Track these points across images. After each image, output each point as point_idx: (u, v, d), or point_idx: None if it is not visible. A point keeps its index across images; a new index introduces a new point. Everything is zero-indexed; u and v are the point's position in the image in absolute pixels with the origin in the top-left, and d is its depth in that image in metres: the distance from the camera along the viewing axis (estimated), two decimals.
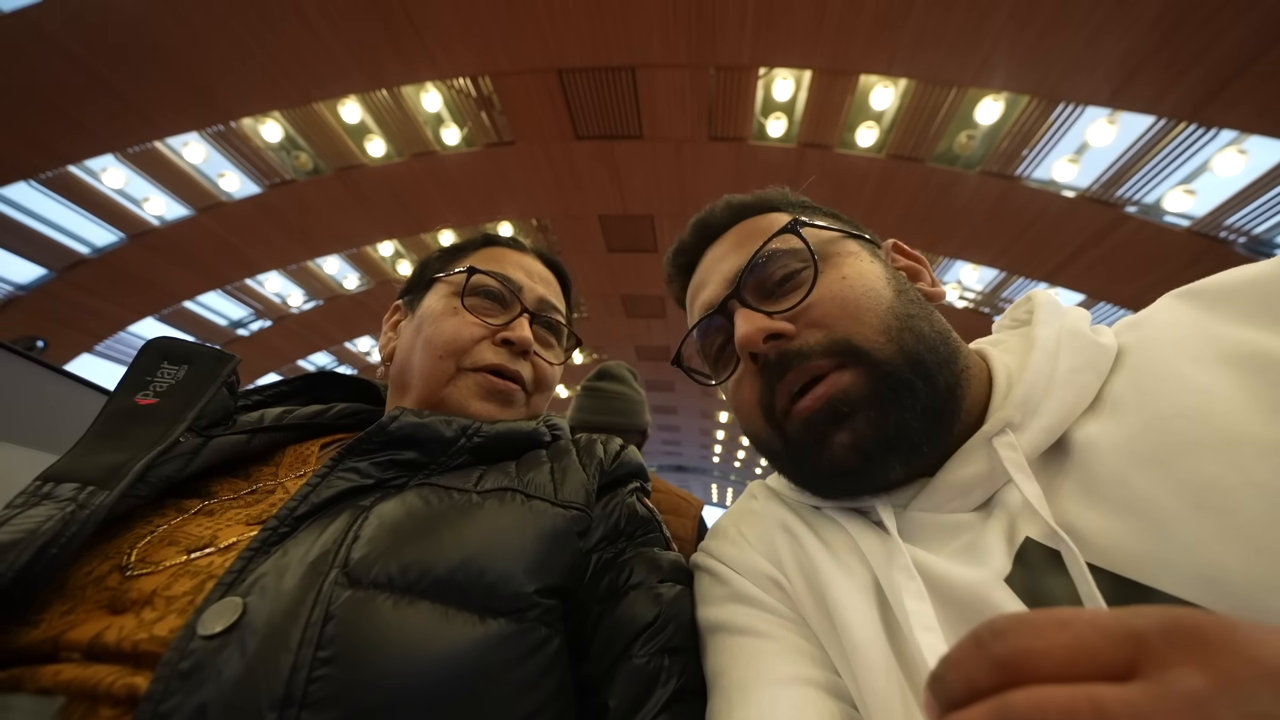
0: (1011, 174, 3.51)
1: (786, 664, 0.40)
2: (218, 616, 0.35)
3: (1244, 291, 0.36)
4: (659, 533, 0.57)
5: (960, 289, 4.83)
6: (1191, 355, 0.35)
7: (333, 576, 0.38)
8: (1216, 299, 0.37)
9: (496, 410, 0.60)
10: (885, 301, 0.43)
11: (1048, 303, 0.46)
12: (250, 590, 0.37)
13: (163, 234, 4.25)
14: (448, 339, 0.60)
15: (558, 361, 0.68)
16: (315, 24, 2.91)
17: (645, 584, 0.50)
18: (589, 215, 4.62)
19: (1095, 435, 0.35)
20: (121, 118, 3.29)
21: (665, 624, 0.47)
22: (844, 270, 0.45)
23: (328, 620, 0.36)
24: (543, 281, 0.69)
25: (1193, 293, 0.39)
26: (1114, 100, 2.85)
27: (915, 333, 0.42)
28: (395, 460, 0.51)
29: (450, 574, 0.41)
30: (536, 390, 0.65)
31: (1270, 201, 3.06)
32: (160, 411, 0.49)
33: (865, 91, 3.25)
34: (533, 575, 0.44)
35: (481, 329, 0.61)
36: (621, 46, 3.06)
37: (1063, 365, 0.39)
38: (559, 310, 0.69)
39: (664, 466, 13.88)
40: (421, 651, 0.37)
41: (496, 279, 0.63)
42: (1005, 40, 2.70)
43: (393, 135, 3.81)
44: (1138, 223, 3.45)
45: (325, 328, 6.00)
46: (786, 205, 0.54)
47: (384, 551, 0.41)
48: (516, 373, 0.61)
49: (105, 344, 5.06)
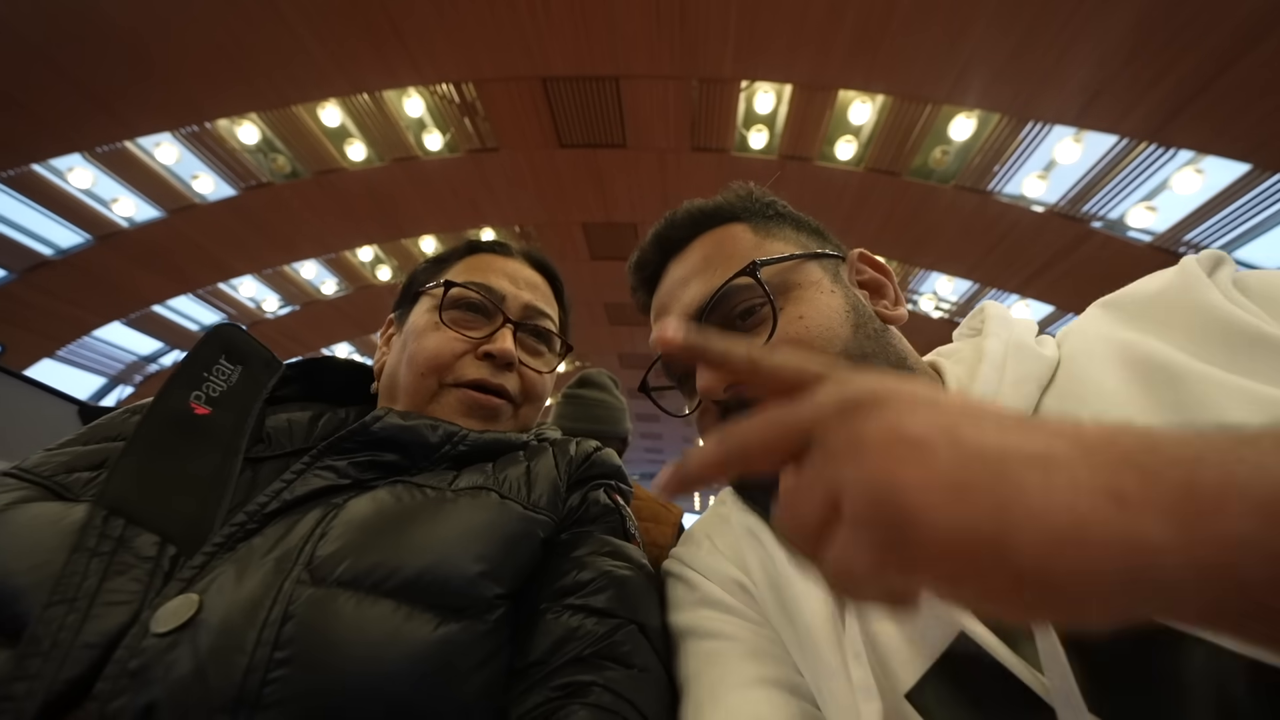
0: (984, 189, 3.62)
1: (753, 667, 0.40)
2: (172, 613, 0.34)
3: (1150, 303, 0.39)
4: (621, 525, 0.56)
5: (936, 300, 4.95)
6: (1106, 362, 0.37)
7: (295, 574, 0.37)
8: (1131, 310, 0.40)
9: (479, 425, 0.58)
10: (839, 343, 0.43)
11: (998, 315, 0.47)
12: (208, 587, 0.36)
13: (132, 236, 4.11)
14: (429, 356, 0.59)
15: (547, 370, 0.66)
16: (295, 26, 2.87)
17: (590, 555, 0.49)
18: (572, 223, 4.62)
19: None
20: (90, 116, 3.19)
21: (599, 587, 0.46)
22: (802, 309, 0.45)
23: (286, 620, 0.35)
24: (529, 287, 0.66)
25: (1113, 303, 0.42)
26: (1080, 120, 2.97)
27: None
28: (375, 461, 0.50)
29: (418, 575, 0.40)
30: (526, 402, 0.63)
31: (1225, 219, 3.21)
32: (215, 429, 0.47)
33: (844, 106, 3.33)
34: (498, 579, 0.44)
35: (463, 343, 0.59)
36: (606, 57, 3.09)
37: (1009, 377, 0.41)
38: (548, 315, 0.67)
39: (646, 474, 13.83)
40: (382, 653, 0.36)
41: (476, 290, 0.62)
42: (977, 60, 2.80)
43: (374, 139, 3.76)
44: (1103, 237, 3.58)
45: (302, 334, 5.87)
46: (748, 215, 0.53)
47: (352, 549, 0.40)
48: (500, 386, 0.60)
49: (68, 349, 4.87)
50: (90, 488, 0.42)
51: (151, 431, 0.44)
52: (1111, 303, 0.42)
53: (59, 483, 0.42)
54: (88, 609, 0.34)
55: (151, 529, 0.39)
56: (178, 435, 0.45)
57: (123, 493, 0.40)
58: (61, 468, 0.43)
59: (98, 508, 0.39)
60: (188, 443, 0.45)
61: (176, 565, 0.39)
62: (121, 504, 0.39)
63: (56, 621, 0.33)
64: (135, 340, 5.30)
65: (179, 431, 0.46)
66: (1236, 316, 0.33)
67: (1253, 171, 2.91)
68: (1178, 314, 0.36)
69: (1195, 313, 0.35)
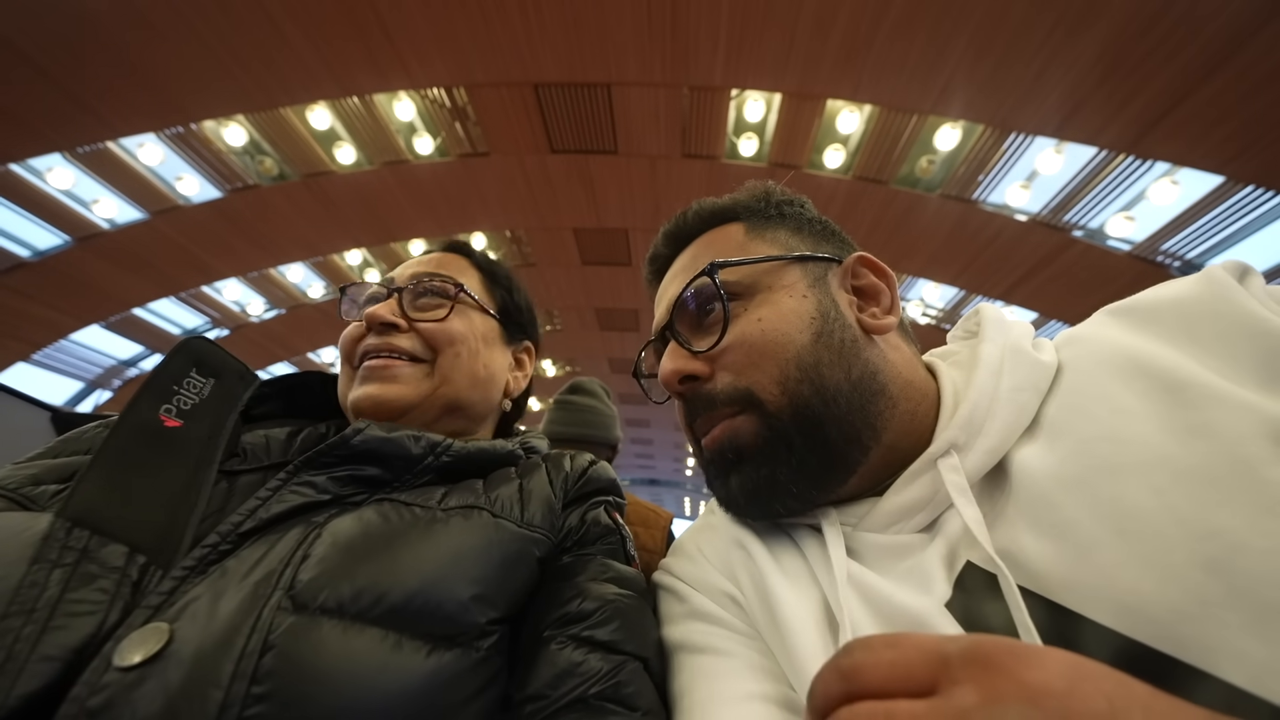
0: (969, 198, 3.68)
1: (743, 681, 0.39)
2: (138, 645, 0.31)
3: (1167, 311, 0.37)
4: (621, 546, 0.55)
5: (923, 306, 5.02)
6: (1117, 374, 0.35)
7: (275, 600, 0.35)
8: (1144, 318, 0.38)
9: (378, 389, 0.57)
10: (793, 349, 0.43)
11: (994, 318, 0.47)
12: (180, 615, 0.33)
13: (112, 238, 4.03)
14: (340, 344, 0.62)
15: (441, 318, 0.62)
16: (284, 27, 2.85)
17: (592, 582, 0.48)
18: (563, 228, 4.62)
19: (1030, 458, 0.36)
20: (71, 116, 3.13)
21: (603, 619, 0.45)
22: (762, 311, 0.45)
23: (265, 650, 0.32)
24: (421, 262, 0.68)
25: (1123, 310, 0.40)
26: (1060, 131, 3.04)
27: (816, 383, 0.41)
28: (356, 476, 0.48)
29: (407, 600, 0.38)
30: (436, 353, 0.61)
31: (1200, 229, 3.30)
32: (186, 442, 0.45)
33: (832, 115, 3.38)
34: (493, 603, 0.42)
35: (358, 326, 0.62)
36: (597, 64, 3.10)
37: (1005, 383, 0.40)
38: (434, 275, 0.65)
39: (637, 480, 13.80)
40: (369, 687, 0.33)
41: (361, 285, 0.66)
42: (962, 72, 2.86)
43: (363, 143, 3.74)
44: (1084, 246, 3.67)
45: (287, 338, 5.79)
46: (748, 214, 0.53)
47: (336, 573, 0.38)
48: (385, 345, 0.60)
49: (44, 352, 4.75)
50: (56, 500, 0.40)
51: (120, 443, 0.43)
52: (1122, 310, 0.40)
53: (25, 495, 0.40)
54: (47, 620, 0.32)
55: (119, 539, 0.37)
56: (147, 448, 0.44)
57: (88, 504, 0.38)
58: (28, 480, 0.42)
59: (61, 519, 0.36)
60: (157, 455, 0.43)
61: (146, 574, 0.36)
62: (87, 515, 0.37)
63: (11, 634, 0.30)
64: (114, 344, 5.18)
65: (148, 444, 0.44)
66: (1269, 323, 0.31)
67: (1226, 183, 2.99)
68: (1205, 323, 0.34)
69: (1229, 323, 0.33)
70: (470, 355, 0.63)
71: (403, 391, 0.58)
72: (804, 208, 0.55)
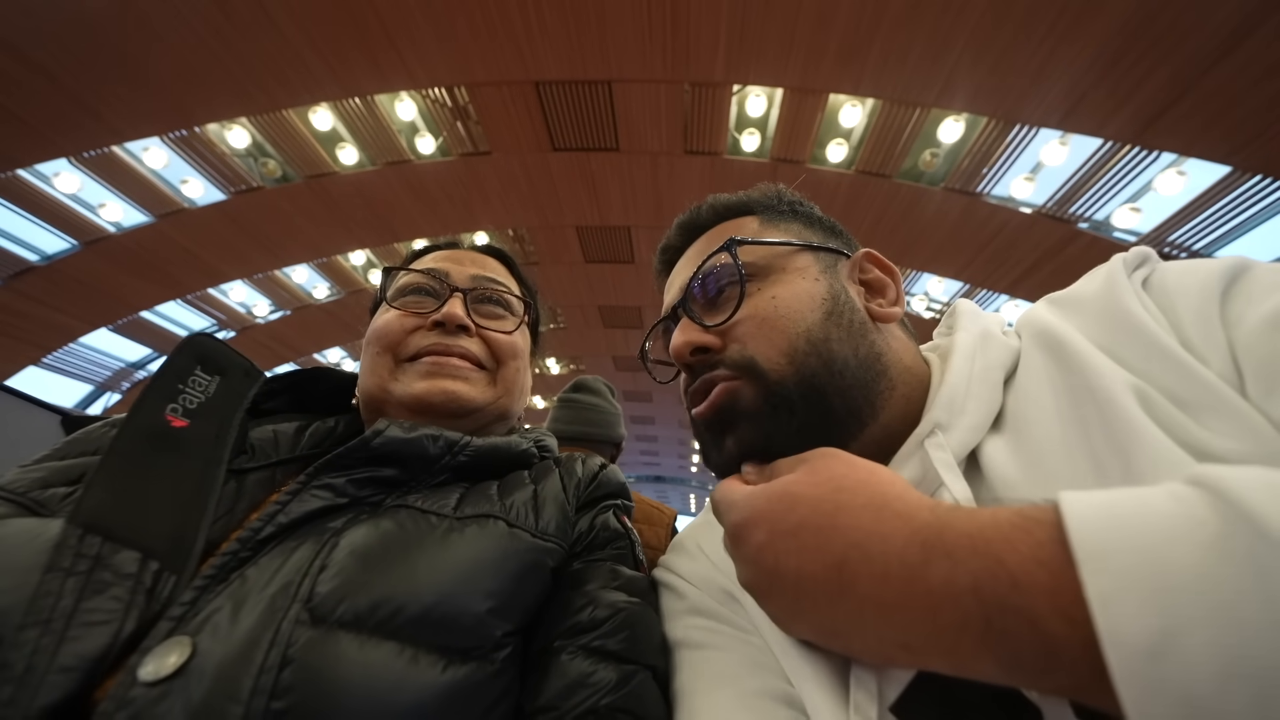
0: (973, 191, 3.66)
1: (744, 679, 0.40)
2: (162, 658, 0.31)
3: (1085, 299, 0.41)
4: (630, 550, 0.56)
5: (927, 300, 4.99)
6: (1052, 365, 0.39)
7: (293, 613, 0.35)
8: (1069, 306, 0.42)
9: (455, 385, 0.57)
10: (804, 324, 0.44)
11: (968, 310, 0.50)
12: (201, 628, 0.34)
13: (119, 241, 4.07)
14: (381, 332, 0.59)
15: (510, 329, 0.64)
16: (286, 30, 2.86)
17: (602, 590, 0.49)
18: (566, 226, 4.62)
19: (995, 452, 0.38)
20: (77, 121, 3.16)
21: (613, 629, 0.45)
22: (777, 290, 0.46)
23: (285, 665, 0.32)
24: (474, 263, 0.66)
25: (1056, 299, 0.44)
26: (1065, 123, 3.01)
27: (824, 356, 0.43)
28: (374, 478, 0.48)
29: (424, 612, 0.38)
30: (498, 364, 0.62)
31: (1207, 220, 3.26)
32: (193, 441, 0.45)
33: (835, 110, 3.36)
34: (507, 616, 0.42)
35: (413, 319, 0.59)
36: (598, 61, 3.10)
37: (979, 364, 0.43)
38: (498, 283, 0.66)
39: (642, 477, 13.82)
40: (387, 702, 0.33)
41: (419, 274, 0.62)
42: (964, 65, 2.84)
43: (365, 143, 3.75)
44: (1089, 238, 3.63)
45: (293, 339, 5.82)
46: (762, 208, 0.54)
47: (353, 584, 0.38)
48: (460, 348, 0.59)
49: (54, 356, 4.81)
50: (66, 504, 0.40)
51: (127, 446, 0.42)
52: (1055, 299, 0.44)
53: (34, 499, 0.40)
54: (63, 630, 0.32)
55: (131, 545, 0.37)
56: (154, 449, 0.43)
57: (98, 509, 0.38)
58: (36, 484, 0.41)
59: (72, 526, 0.36)
60: (165, 456, 0.43)
61: (160, 580, 0.36)
62: (98, 521, 0.37)
63: (30, 645, 0.30)
64: (123, 347, 5.24)
65: (155, 445, 0.44)
66: (1138, 318, 0.36)
67: (1233, 173, 2.96)
68: (1103, 313, 0.39)
69: (1111, 313, 0.38)
70: (523, 370, 0.66)
71: (474, 393, 0.59)
72: (813, 209, 0.57)
